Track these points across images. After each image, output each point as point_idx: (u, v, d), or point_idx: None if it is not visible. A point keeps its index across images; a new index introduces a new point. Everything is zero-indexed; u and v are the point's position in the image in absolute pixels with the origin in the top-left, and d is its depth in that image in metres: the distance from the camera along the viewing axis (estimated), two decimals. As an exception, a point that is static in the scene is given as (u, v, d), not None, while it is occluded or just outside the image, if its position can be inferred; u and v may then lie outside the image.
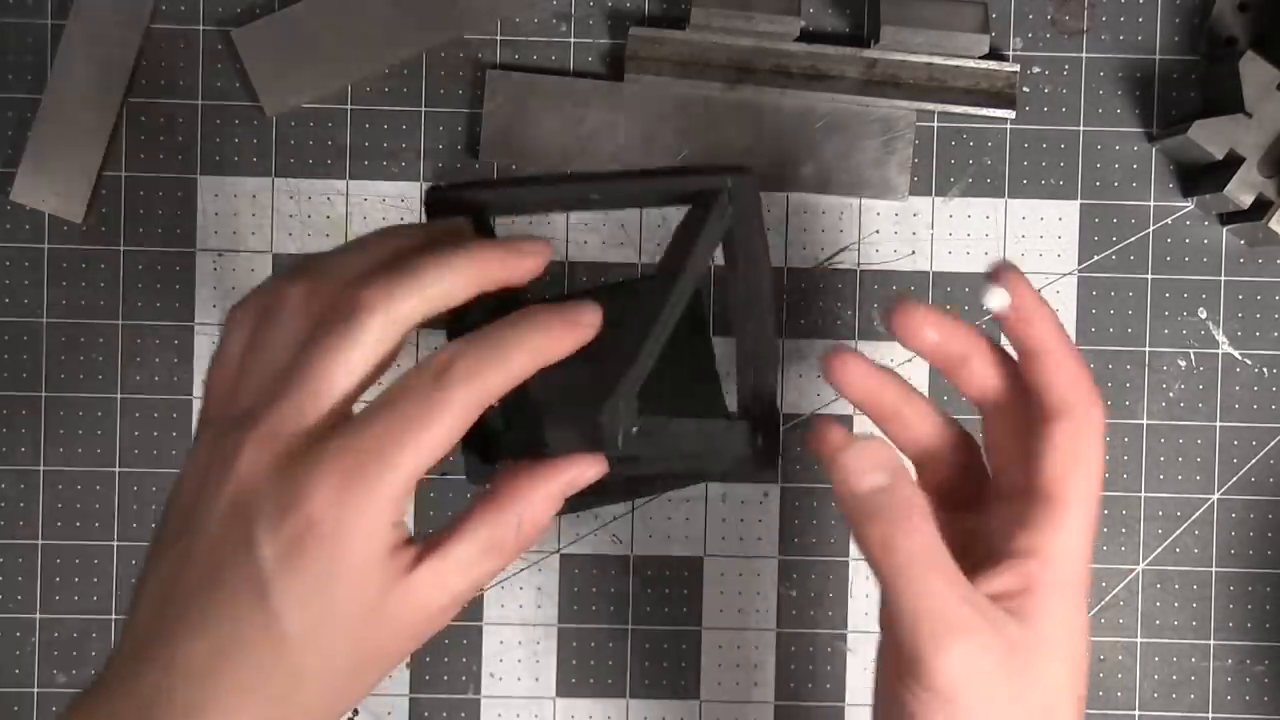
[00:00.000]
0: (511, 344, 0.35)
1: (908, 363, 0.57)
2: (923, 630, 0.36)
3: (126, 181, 0.56)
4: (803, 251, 0.57)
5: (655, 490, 0.56)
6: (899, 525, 0.36)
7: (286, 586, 0.32)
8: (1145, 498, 0.57)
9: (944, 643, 0.35)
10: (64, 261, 0.56)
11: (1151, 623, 0.57)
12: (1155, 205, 0.57)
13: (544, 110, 0.56)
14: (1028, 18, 0.57)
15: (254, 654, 0.32)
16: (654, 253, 0.57)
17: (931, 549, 0.36)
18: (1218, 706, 0.57)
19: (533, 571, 0.57)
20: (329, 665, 0.33)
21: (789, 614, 0.57)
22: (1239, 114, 0.53)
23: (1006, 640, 0.36)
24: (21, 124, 0.56)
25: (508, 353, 0.35)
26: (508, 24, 0.57)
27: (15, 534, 0.56)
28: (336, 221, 0.57)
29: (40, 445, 0.56)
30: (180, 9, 0.57)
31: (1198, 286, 0.57)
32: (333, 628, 0.33)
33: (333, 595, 0.33)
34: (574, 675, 0.57)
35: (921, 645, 0.36)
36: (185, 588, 0.33)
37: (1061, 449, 0.39)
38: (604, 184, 0.39)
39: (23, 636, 0.56)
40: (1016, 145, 0.57)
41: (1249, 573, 0.57)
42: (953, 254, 0.57)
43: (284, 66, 0.56)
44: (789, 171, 0.56)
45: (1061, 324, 0.41)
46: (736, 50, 0.55)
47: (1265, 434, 0.57)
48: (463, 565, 0.35)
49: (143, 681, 0.32)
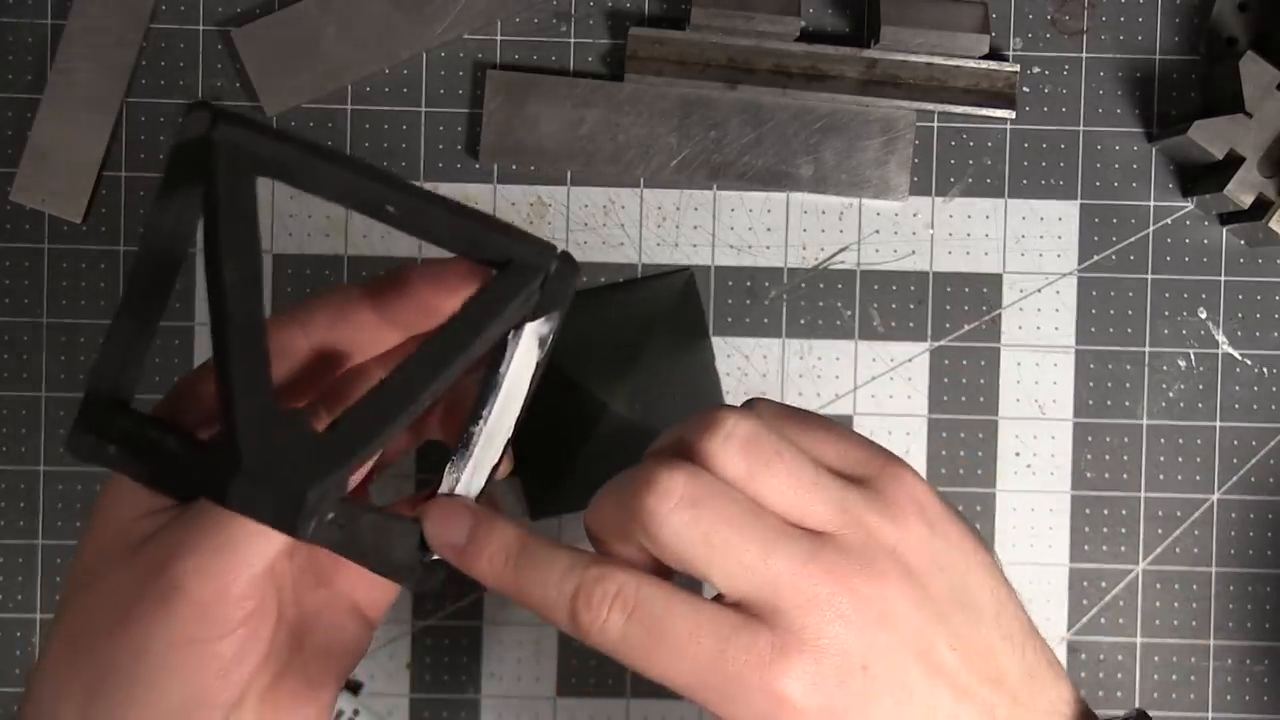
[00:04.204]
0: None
1: (908, 363, 0.57)
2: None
3: (126, 181, 0.56)
4: (803, 251, 0.57)
5: None
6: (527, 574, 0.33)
7: None
8: (1145, 498, 0.57)
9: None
10: (64, 261, 0.56)
11: (1151, 623, 0.57)
12: (1155, 205, 0.57)
13: (544, 110, 0.56)
14: (1028, 18, 0.57)
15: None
16: (654, 253, 0.57)
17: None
18: (1218, 706, 0.57)
19: (533, 571, 0.57)
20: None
21: (789, 614, 0.57)
22: (1239, 114, 0.53)
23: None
24: (21, 124, 0.56)
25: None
26: (508, 24, 0.57)
27: (15, 534, 0.56)
28: (336, 221, 0.57)
29: (40, 445, 0.56)
30: (180, 9, 0.57)
31: (1198, 286, 0.57)
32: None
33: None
34: (574, 675, 0.57)
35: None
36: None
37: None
38: (408, 200, 0.32)
39: (23, 636, 0.56)
40: (1016, 145, 0.57)
41: (1249, 573, 0.57)
42: (953, 254, 0.57)
43: (284, 66, 0.56)
44: (789, 171, 0.56)
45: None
46: (736, 50, 0.55)
47: (1265, 434, 0.57)
48: None
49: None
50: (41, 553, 0.56)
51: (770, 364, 0.57)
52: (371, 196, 0.32)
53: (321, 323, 0.34)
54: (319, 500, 0.30)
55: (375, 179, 0.32)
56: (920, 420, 0.57)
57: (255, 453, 0.29)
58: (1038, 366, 0.57)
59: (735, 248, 0.57)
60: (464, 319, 0.32)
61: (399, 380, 0.31)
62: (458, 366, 0.31)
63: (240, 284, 0.31)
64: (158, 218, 0.32)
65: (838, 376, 0.57)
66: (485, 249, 0.32)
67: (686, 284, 0.57)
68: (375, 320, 0.34)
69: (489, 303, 0.32)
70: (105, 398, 0.33)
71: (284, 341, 0.33)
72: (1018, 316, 0.57)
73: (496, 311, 0.32)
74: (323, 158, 0.32)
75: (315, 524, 0.30)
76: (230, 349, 0.30)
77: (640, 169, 0.56)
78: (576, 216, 0.57)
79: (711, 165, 0.56)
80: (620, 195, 0.57)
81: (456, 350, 0.31)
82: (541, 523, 0.57)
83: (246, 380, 0.30)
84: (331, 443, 0.30)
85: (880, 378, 0.57)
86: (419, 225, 0.32)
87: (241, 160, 0.31)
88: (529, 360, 0.33)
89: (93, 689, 0.31)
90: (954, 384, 0.57)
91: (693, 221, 0.57)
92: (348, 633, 0.36)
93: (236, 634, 0.31)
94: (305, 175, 0.32)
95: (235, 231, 0.31)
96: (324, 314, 0.34)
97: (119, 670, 0.31)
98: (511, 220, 0.56)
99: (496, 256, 0.32)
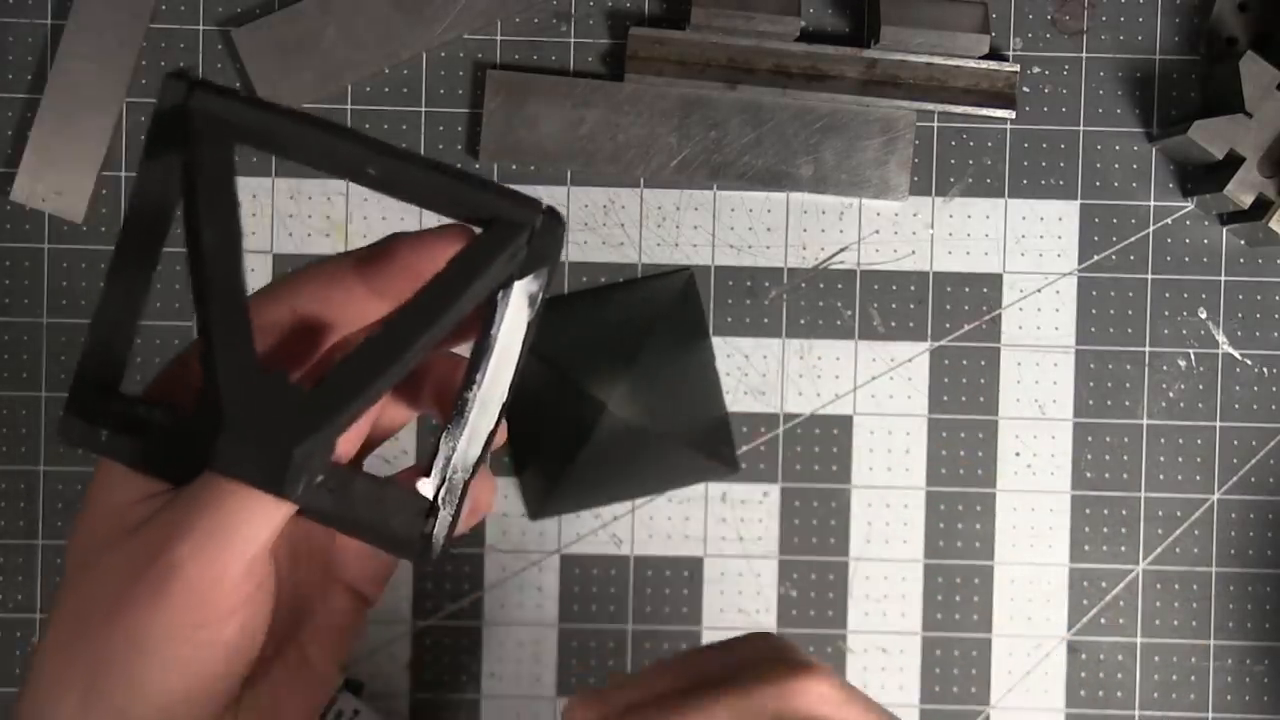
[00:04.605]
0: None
1: (908, 363, 0.57)
2: None
3: (127, 181, 0.56)
4: (803, 251, 0.57)
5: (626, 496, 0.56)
6: None
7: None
8: (1145, 498, 0.57)
9: None
10: (64, 261, 0.56)
11: (1151, 623, 0.57)
12: (1155, 205, 0.57)
13: (544, 110, 0.56)
14: (1028, 18, 0.57)
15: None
16: (654, 253, 0.57)
17: None
18: (1218, 706, 0.57)
19: (533, 571, 0.57)
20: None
21: (789, 614, 0.57)
22: (1239, 114, 0.53)
23: None
24: (21, 124, 0.56)
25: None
26: (508, 24, 0.57)
27: (15, 534, 0.56)
28: (336, 221, 0.57)
29: (40, 445, 0.56)
30: (180, 9, 0.57)
31: (1198, 286, 0.57)
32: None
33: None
34: (574, 675, 0.57)
35: None
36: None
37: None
38: (388, 161, 0.31)
39: (23, 637, 0.56)
40: (1016, 145, 0.57)
41: (1249, 573, 0.57)
42: (953, 254, 0.57)
43: (284, 66, 0.56)
44: (789, 171, 0.56)
45: None
46: (736, 50, 0.55)
47: (1265, 434, 0.57)
48: None
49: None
50: (41, 553, 0.56)
51: (770, 364, 0.57)
52: (350, 159, 0.32)
53: (308, 295, 0.34)
54: (306, 457, 0.29)
55: (354, 141, 0.31)
56: (920, 420, 0.57)
57: (239, 412, 0.29)
58: (1038, 366, 0.57)
59: (735, 248, 0.57)
60: (450, 275, 0.31)
61: (385, 336, 0.30)
62: (446, 322, 0.31)
63: (220, 250, 0.31)
64: (142, 187, 0.32)
65: (838, 376, 0.57)
66: (468, 207, 0.32)
67: (686, 284, 0.57)
68: (364, 291, 0.34)
69: (474, 259, 0.31)
70: (94, 380, 0.33)
71: (269, 313, 0.33)
72: (1018, 316, 0.57)
73: (483, 267, 0.31)
74: (300, 123, 0.31)
75: (304, 485, 0.30)
76: (211, 314, 0.30)
77: (640, 169, 0.56)
78: (576, 216, 0.57)
79: (711, 165, 0.56)
80: (620, 195, 0.57)
81: (443, 305, 0.31)
82: (540, 522, 0.57)
83: (228, 343, 0.30)
84: (318, 399, 0.30)
85: (880, 378, 0.57)
86: (400, 186, 0.32)
87: (219, 128, 0.32)
88: (520, 320, 0.33)
89: (92, 678, 0.31)
90: (954, 384, 0.57)
91: (693, 221, 0.57)
92: (345, 612, 0.36)
93: (236, 617, 0.31)
94: (283, 141, 0.32)
95: (214, 199, 0.31)
96: (311, 286, 0.34)
97: (118, 659, 0.31)
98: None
99: (481, 214, 0.32)
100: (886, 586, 0.57)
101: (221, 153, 0.32)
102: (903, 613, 0.57)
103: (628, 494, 0.56)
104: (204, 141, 0.31)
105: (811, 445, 0.57)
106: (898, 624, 0.57)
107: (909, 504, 0.57)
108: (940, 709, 0.57)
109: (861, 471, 0.57)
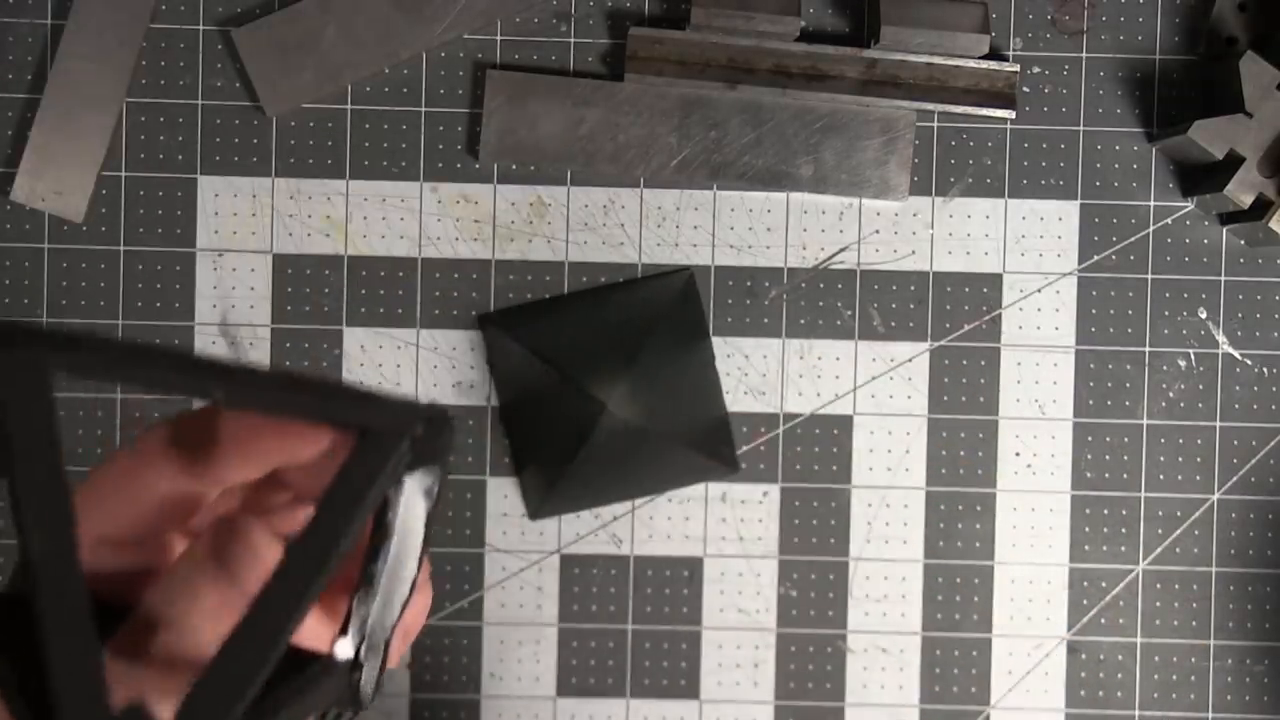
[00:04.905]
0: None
1: (908, 363, 0.57)
2: None
3: (126, 181, 0.56)
4: (803, 251, 0.57)
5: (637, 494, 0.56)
6: None
7: None
8: (1145, 498, 0.57)
9: None
10: (64, 261, 0.56)
11: (1151, 623, 0.57)
12: (1155, 205, 0.57)
13: (544, 110, 0.56)
14: (1028, 18, 0.57)
15: None
16: (654, 253, 0.57)
17: None
18: (1218, 706, 0.57)
19: (533, 571, 0.57)
20: None
21: (789, 614, 0.57)
22: (1239, 114, 0.53)
23: None
24: (21, 124, 0.56)
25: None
26: (508, 24, 0.57)
27: (15, 534, 0.56)
28: (336, 221, 0.57)
29: (40, 445, 0.56)
30: (180, 9, 0.57)
31: (1198, 286, 0.57)
32: None
33: None
34: (574, 675, 0.57)
35: None
36: None
37: None
38: (231, 383, 0.27)
39: (23, 636, 0.56)
40: (1016, 145, 0.57)
41: (1249, 573, 0.57)
42: (953, 254, 0.57)
43: (284, 66, 0.56)
44: (789, 171, 0.56)
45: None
46: (736, 50, 0.55)
47: (1265, 434, 0.57)
48: None
49: None
50: (41, 553, 0.56)
51: (770, 364, 0.57)
52: (191, 387, 0.28)
53: (99, 516, 0.30)
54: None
55: (191, 370, 0.28)
56: (920, 420, 0.57)
57: None
58: (1038, 366, 0.57)
59: (735, 248, 0.57)
60: (326, 514, 0.27)
61: (251, 627, 0.25)
62: (330, 563, 0.26)
63: (51, 554, 0.26)
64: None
65: (838, 376, 0.57)
66: (340, 420, 0.29)
67: (686, 284, 0.57)
68: (182, 477, 0.30)
69: (353, 476, 0.28)
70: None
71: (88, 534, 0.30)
72: (1018, 316, 0.57)
73: (359, 497, 0.27)
74: (127, 358, 0.27)
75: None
76: (49, 641, 0.25)
77: (640, 169, 0.56)
78: (576, 216, 0.57)
79: (711, 165, 0.56)
80: (620, 195, 0.57)
81: (320, 559, 0.27)
82: (540, 522, 0.57)
83: (72, 682, 0.24)
84: (215, 681, 0.25)
85: (880, 378, 0.57)
86: (254, 406, 0.28)
87: (35, 381, 0.27)
88: (418, 511, 0.30)
89: None
90: (954, 384, 0.57)
91: (693, 221, 0.57)
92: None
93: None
94: (113, 377, 0.28)
95: (35, 477, 0.26)
96: (112, 499, 0.30)
97: None
98: (511, 221, 0.56)
99: (354, 426, 0.28)
100: (886, 586, 0.57)
101: (39, 411, 0.26)
102: (903, 613, 0.57)
103: (627, 494, 0.56)
104: (17, 404, 0.26)
105: (811, 445, 0.57)
106: (898, 624, 0.57)
107: (909, 504, 0.57)
108: (940, 709, 0.57)
109: (861, 471, 0.57)
